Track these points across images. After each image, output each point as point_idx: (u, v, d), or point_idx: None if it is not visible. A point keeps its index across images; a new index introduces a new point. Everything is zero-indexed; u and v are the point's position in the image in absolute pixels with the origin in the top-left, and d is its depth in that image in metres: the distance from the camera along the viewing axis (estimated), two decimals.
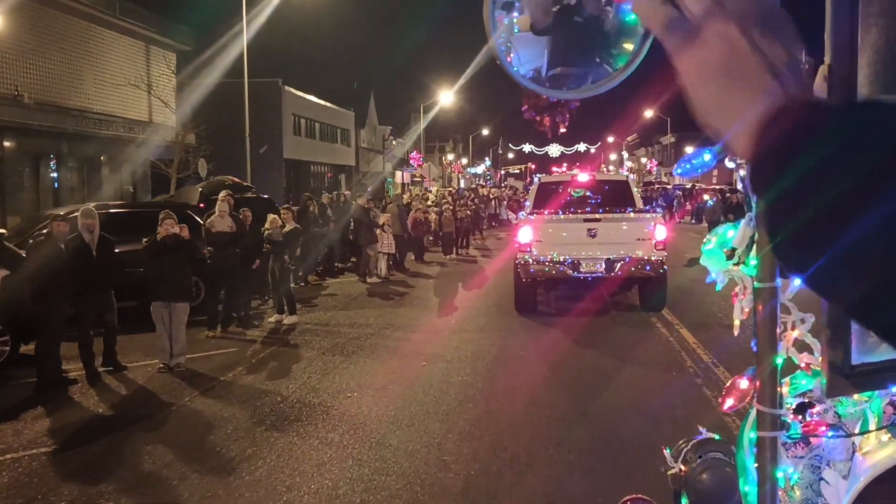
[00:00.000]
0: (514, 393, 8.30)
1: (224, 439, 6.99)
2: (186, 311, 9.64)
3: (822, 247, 0.62)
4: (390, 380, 8.90)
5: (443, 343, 10.87)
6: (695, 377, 8.82)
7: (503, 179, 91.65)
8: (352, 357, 10.09)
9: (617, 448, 6.55)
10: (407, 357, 10.04)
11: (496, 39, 1.40)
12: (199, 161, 29.27)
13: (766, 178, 0.67)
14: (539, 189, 14.73)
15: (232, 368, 9.62)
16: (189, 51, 31.66)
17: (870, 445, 1.75)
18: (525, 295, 12.96)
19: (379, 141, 65.46)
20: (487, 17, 1.40)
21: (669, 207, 38.80)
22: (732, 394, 1.70)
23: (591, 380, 8.80)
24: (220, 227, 11.22)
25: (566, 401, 7.99)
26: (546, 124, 3.91)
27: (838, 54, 1.36)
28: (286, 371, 9.46)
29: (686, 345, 10.44)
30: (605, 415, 7.50)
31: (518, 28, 1.47)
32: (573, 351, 10.31)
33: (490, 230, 35.57)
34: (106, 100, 25.78)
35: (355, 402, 8.05)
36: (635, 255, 12.21)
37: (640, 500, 2.42)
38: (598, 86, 1.43)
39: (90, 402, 8.29)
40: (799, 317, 1.61)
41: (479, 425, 7.21)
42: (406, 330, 11.96)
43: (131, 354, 10.36)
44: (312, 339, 11.30)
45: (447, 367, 9.38)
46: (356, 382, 8.80)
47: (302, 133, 48.98)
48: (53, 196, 23.99)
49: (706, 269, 1.66)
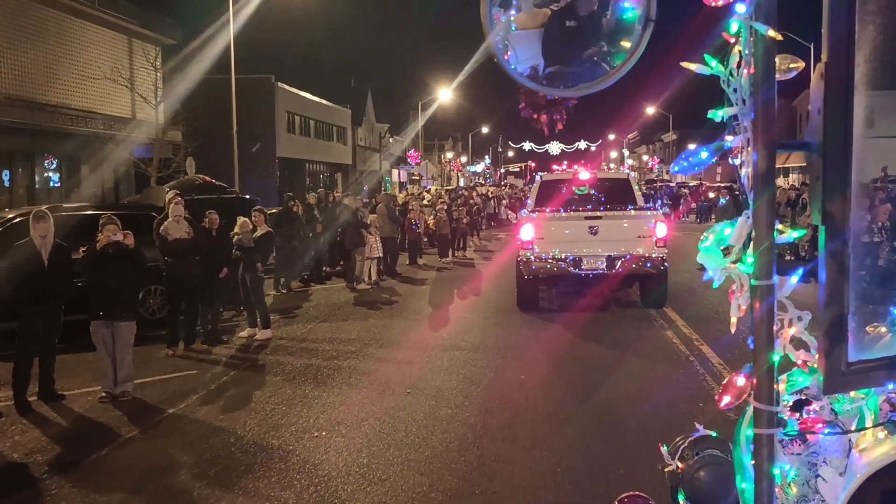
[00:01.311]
0: (513, 431, 6.97)
1: (153, 499, 5.66)
2: (132, 330, 8.31)
3: None
4: (367, 413, 7.57)
5: (432, 364, 9.54)
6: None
7: (503, 178, 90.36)
8: (325, 383, 8.75)
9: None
10: (389, 383, 8.70)
11: (493, 37, 1.63)
12: (188, 159, 28.29)
13: None
14: (541, 187, 14.74)
15: (185, 397, 8.29)
16: (175, 44, 30.32)
17: (866, 442, 1.77)
18: (527, 292, 12.94)
19: (376, 139, 64.22)
20: (485, 15, 1.64)
21: (674, 205, 37.57)
22: (729, 391, 1.66)
23: (604, 411, 7.46)
24: (176, 233, 9.86)
25: (578, 449, 6.64)
26: (543, 122, 3.50)
27: (835, 52, 1.45)
28: (247, 401, 8.13)
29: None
30: (616, 448, 6.17)
31: (515, 26, 1.76)
32: (579, 370, 8.98)
33: (489, 230, 34.20)
34: (85, 95, 24.46)
35: (322, 444, 6.71)
36: (636, 253, 12.26)
37: (638, 497, 2.37)
38: (596, 83, 1.71)
39: (8, 443, 6.96)
40: (796, 314, 1.60)
41: (470, 479, 5.87)
42: (391, 347, 10.62)
43: (77, 378, 9.07)
44: (284, 359, 9.96)
45: (435, 397, 8.05)
46: (326, 417, 7.47)
47: (296, 131, 47.70)
48: (27, 197, 22.68)
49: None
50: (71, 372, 9.38)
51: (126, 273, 8.10)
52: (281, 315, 13.14)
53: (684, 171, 1.69)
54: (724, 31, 1.58)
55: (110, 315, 8.06)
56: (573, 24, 1.91)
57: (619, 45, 1.82)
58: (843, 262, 1.55)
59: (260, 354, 10.34)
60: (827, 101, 1.52)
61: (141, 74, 26.30)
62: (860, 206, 1.59)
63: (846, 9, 1.42)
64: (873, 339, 1.61)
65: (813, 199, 1.59)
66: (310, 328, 12.06)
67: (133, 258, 8.19)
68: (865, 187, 1.72)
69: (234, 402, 8.13)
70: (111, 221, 8.15)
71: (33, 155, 23.18)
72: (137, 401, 8.19)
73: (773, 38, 1.49)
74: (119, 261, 8.06)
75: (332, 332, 11.71)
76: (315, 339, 11.18)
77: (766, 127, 1.52)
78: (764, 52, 1.50)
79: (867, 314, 1.66)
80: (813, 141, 1.58)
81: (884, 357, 1.55)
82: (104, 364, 8.18)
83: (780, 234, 1.57)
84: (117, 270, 8.04)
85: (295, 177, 46.12)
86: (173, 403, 8.06)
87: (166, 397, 8.32)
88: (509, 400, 7.93)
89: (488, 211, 37.10)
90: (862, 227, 1.69)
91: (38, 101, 22.22)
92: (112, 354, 8.16)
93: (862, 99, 1.55)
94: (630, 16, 1.82)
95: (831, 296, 1.55)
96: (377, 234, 16.84)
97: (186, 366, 9.74)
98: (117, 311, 8.08)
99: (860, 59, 1.43)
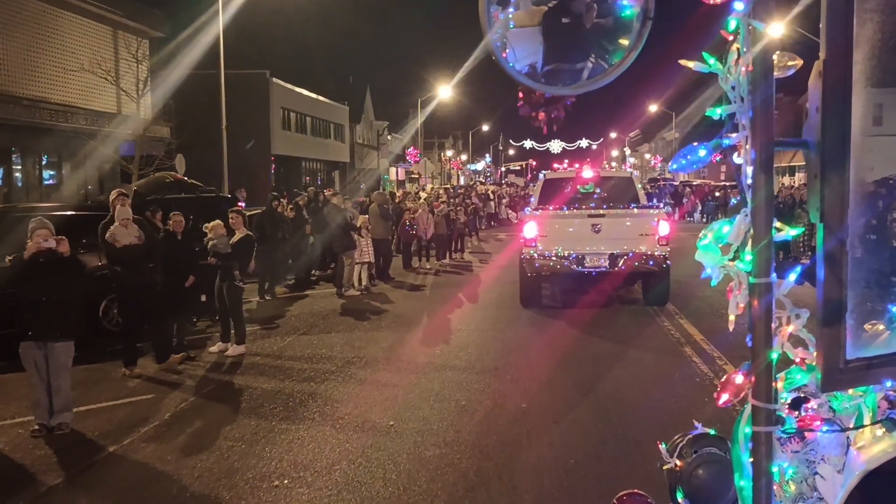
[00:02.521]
0: (512, 481, 5.80)
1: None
2: (69, 352, 7.12)
3: None
4: (340, 454, 6.40)
5: (420, 387, 8.37)
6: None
7: (504, 176, 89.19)
8: (296, 413, 7.58)
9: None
10: (369, 413, 7.53)
11: (492, 35, 1.62)
12: (177, 157, 27.32)
13: None
14: (544, 185, 14.73)
15: (132, 430, 7.12)
16: (164, 38, 29.13)
17: (864, 440, 1.77)
18: (530, 289, 13.01)
19: (375, 137, 63.09)
20: (483, 13, 1.64)
21: (676, 203, 36.49)
22: (728, 389, 1.66)
23: (617, 449, 6.30)
24: (124, 239, 8.67)
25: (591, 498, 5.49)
26: (542, 120, 3.15)
27: (833, 49, 1.47)
28: (203, 435, 6.97)
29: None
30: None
31: (513, 23, 1.74)
32: (584, 385, 7.81)
33: (489, 230, 33.02)
34: (66, 89, 23.31)
35: (281, 497, 5.54)
36: (639, 251, 12.36)
37: (636, 494, 2.33)
38: (594, 81, 1.72)
39: None
40: (794, 312, 1.61)
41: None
42: (375, 367, 9.44)
43: (13, 404, 7.94)
44: (254, 382, 8.79)
45: (421, 431, 6.88)
46: (291, 459, 6.29)
47: (292, 128, 46.59)
48: (4, 196, 21.53)
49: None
50: (10, 396, 8.25)
51: (61, 285, 6.93)
52: (260, 325, 11.98)
53: (683, 169, 1.70)
54: (722, 28, 1.57)
55: (42, 335, 6.90)
56: (570, 20, 1.92)
57: (618, 43, 1.85)
58: (841, 260, 1.55)
59: (228, 375, 9.17)
60: (825, 100, 1.52)
61: (124, 67, 25.15)
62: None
63: (844, 6, 1.45)
64: (871, 337, 1.65)
65: (811, 197, 1.59)
66: (288, 342, 10.89)
67: (69, 268, 7.02)
68: (868, 186, 1.70)
69: (186, 437, 6.96)
70: (42, 226, 6.97)
71: (10, 152, 22.05)
72: (75, 434, 7.02)
73: (771, 36, 1.52)
74: (52, 271, 6.89)
75: (313, 346, 10.53)
76: (292, 356, 10.00)
77: (765, 125, 1.51)
78: (762, 50, 1.49)
79: (865, 311, 1.66)
80: (811, 139, 1.57)
81: (882, 354, 1.59)
82: (36, 392, 7.01)
83: (779, 231, 1.57)
84: (50, 283, 6.87)
85: (291, 175, 44.97)
86: (116, 439, 6.89)
87: (111, 429, 7.16)
88: (508, 437, 6.76)
89: (488, 210, 35.85)
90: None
91: (15, 94, 21.09)
92: (46, 380, 7.00)
93: (862, 97, 1.54)
94: (628, 13, 1.84)
95: (829, 293, 1.54)
96: (368, 236, 15.68)
97: (143, 389, 8.58)
98: (50, 330, 6.91)
99: (858, 58, 1.48)
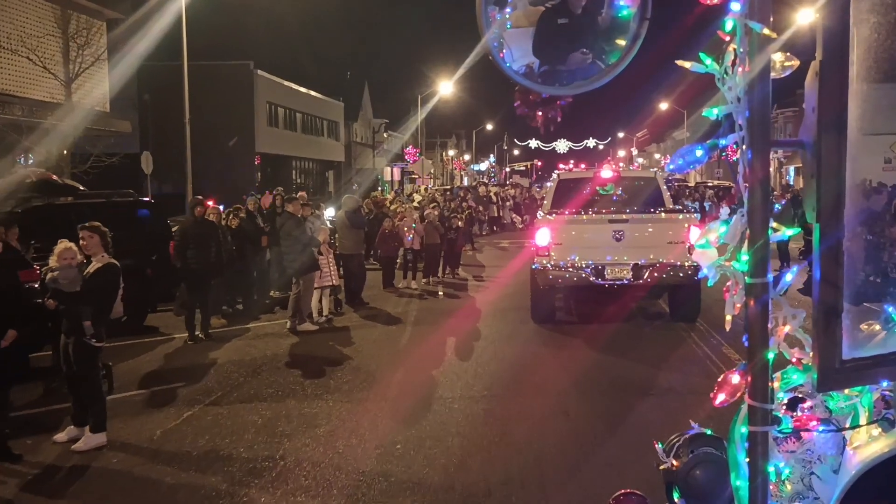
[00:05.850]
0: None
1: None
2: None
3: None
4: None
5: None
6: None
7: (508, 177, 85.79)
8: None
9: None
10: None
11: (489, 35, 1.58)
12: (143, 154, 24.35)
13: None
14: (558, 186, 13.40)
15: None
16: (123, 19, 25.70)
17: (860, 440, 1.76)
18: (542, 304, 11.95)
19: (373, 135, 59.72)
20: (480, 13, 1.62)
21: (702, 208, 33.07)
22: (724, 388, 1.66)
23: None
24: None
25: None
26: (539, 119, 2.89)
27: (830, 50, 1.48)
28: None
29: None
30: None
31: (511, 24, 1.71)
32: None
33: (490, 237, 29.48)
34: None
35: None
36: (666, 261, 11.28)
37: (633, 494, 2.30)
38: (591, 81, 1.69)
39: None
40: (790, 312, 1.60)
41: None
42: (297, 478, 5.92)
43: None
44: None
45: None
46: None
47: (279, 124, 43.30)
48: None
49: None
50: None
51: None
52: (158, 384, 8.53)
53: (679, 169, 1.69)
54: (718, 28, 1.56)
55: None
56: (566, 21, 1.88)
57: (614, 44, 1.85)
58: (838, 260, 1.51)
59: (62, 486, 5.70)
60: (821, 100, 1.51)
61: (75, 51, 21.83)
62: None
63: (841, 7, 1.44)
64: (867, 337, 1.61)
65: (808, 197, 1.56)
66: (183, 419, 7.39)
67: None
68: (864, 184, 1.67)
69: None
70: None
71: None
72: None
73: (768, 37, 1.50)
74: None
75: (217, 431, 7.02)
76: (175, 455, 6.46)
77: (761, 125, 1.52)
78: (758, 51, 1.49)
79: (861, 312, 1.60)
80: (807, 139, 1.56)
81: (877, 354, 1.57)
82: None
83: (775, 231, 1.56)
84: None
85: (280, 174, 41.54)
86: None
87: None
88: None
89: (490, 214, 32.25)
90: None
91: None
92: None
93: (858, 96, 1.52)
94: (625, 14, 1.85)
95: (825, 293, 1.51)
96: (329, 253, 12.18)
97: None
98: None
99: (854, 58, 1.45)
